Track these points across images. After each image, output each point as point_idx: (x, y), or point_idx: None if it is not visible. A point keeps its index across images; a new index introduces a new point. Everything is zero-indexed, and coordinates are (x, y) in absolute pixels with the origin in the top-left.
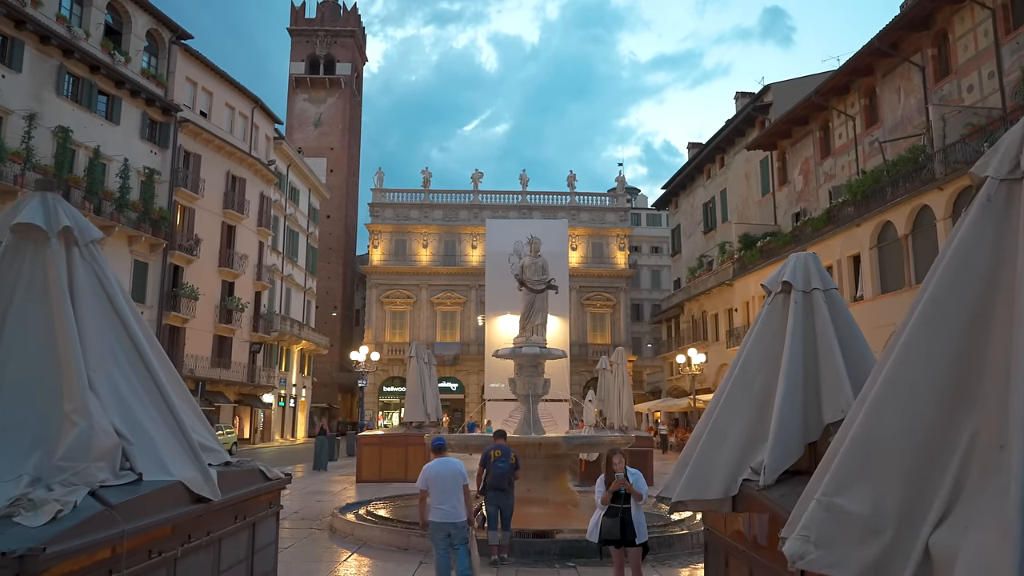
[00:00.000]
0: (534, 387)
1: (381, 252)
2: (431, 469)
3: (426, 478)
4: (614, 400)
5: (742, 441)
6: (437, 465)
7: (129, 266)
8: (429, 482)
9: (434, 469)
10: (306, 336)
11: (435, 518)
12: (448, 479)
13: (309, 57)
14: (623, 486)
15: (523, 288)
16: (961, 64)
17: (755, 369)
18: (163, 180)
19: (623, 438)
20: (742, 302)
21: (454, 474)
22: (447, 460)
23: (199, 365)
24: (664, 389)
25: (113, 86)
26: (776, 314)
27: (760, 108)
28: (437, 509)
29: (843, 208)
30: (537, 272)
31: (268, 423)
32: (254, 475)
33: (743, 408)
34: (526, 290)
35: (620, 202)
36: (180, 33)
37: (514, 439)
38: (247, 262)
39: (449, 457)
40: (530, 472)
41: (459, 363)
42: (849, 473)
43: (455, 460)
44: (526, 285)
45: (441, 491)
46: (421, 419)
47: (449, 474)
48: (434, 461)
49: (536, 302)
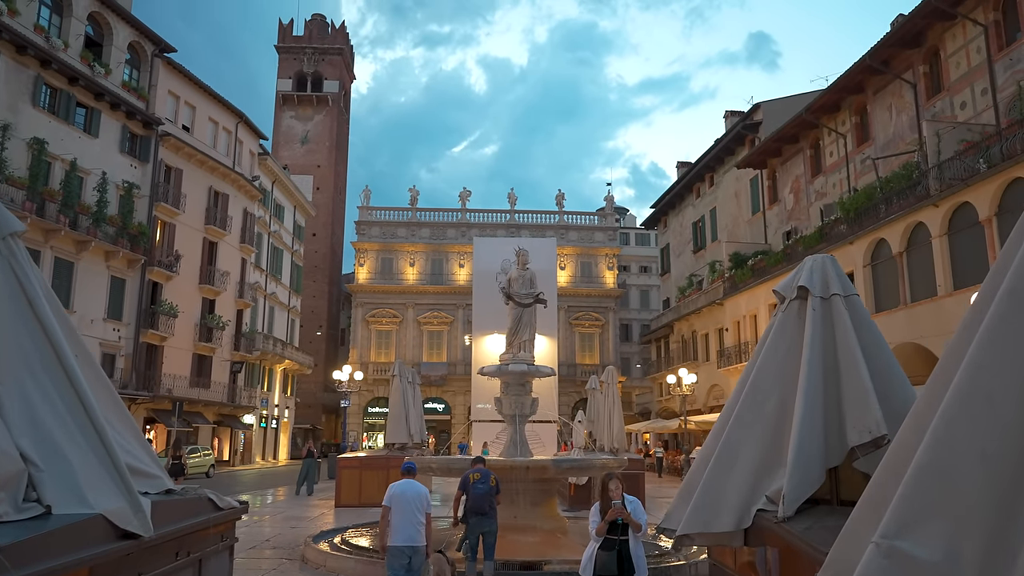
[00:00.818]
0: (521, 407)
1: (367, 270)
2: (396, 487)
3: (391, 495)
4: (604, 421)
5: (755, 466)
6: (402, 485)
7: (106, 282)
8: (393, 500)
9: (399, 488)
10: (289, 355)
11: (396, 541)
12: (412, 500)
13: (296, 74)
14: (620, 515)
15: (510, 302)
16: (954, 81)
17: (768, 385)
18: (143, 195)
19: (615, 461)
20: (733, 321)
21: (418, 496)
22: (412, 482)
23: (177, 384)
24: (653, 410)
25: (92, 98)
26: (791, 323)
27: (750, 127)
28: (399, 532)
29: (836, 226)
30: (525, 285)
31: (249, 445)
32: (201, 504)
33: (755, 429)
34: (513, 304)
35: (609, 221)
36: (163, 46)
37: (500, 462)
38: (229, 279)
39: (415, 480)
40: (517, 497)
41: (446, 383)
42: (915, 510)
43: (420, 484)
44: (513, 299)
45: (403, 512)
46: (404, 441)
47: (413, 495)
48: (400, 481)
49: (524, 317)
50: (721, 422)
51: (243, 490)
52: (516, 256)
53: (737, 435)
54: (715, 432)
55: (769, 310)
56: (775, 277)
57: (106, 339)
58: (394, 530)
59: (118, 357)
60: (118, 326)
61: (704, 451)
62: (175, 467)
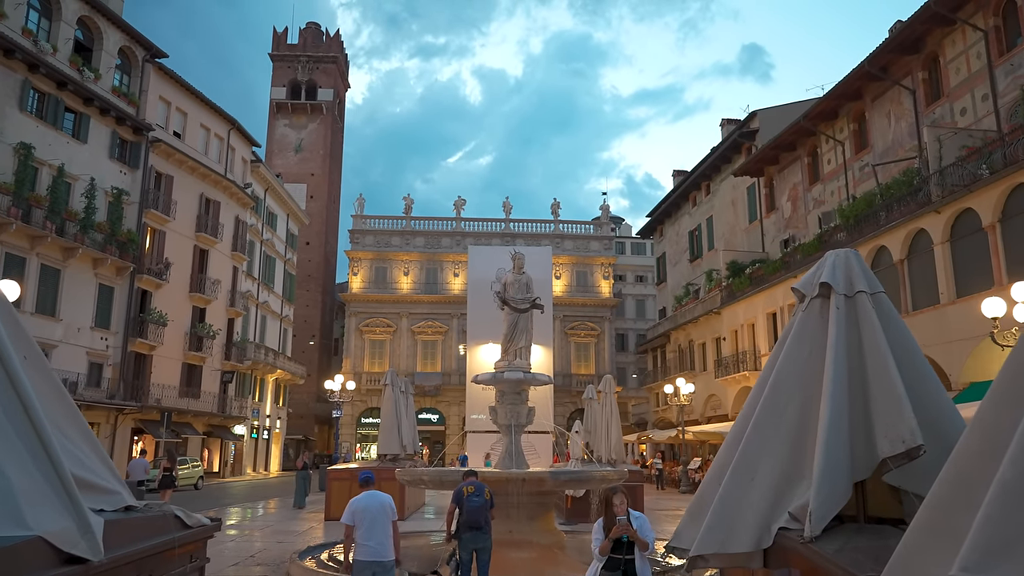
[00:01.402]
0: (517, 416)
1: (361, 280)
2: (357, 502)
3: (352, 512)
4: (602, 432)
5: (775, 480)
6: (364, 498)
7: (93, 290)
8: (355, 516)
9: (361, 502)
10: (281, 365)
11: (361, 555)
12: (376, 512)
13: (291, 82)
14: (626, 532)
15: (505, 307)
16: (953, 87)
17: (789, 391)
18: (132, 201)
19: (615, 473)
20: (731, 331)
21: (382, 507)
22: (374, 493)
23: (166, 395)
24: (650, 421)
25: (81, 103)
26: (813, 323)
27: (746, 134)
28: (363, 546)
29: (835, 233)
30: (521, 290)
31: (239, 456)
32: (166, 523)
33: (775, 439)
34: (508, 309)
35: (604, 231)
36: (154, 51)
37: (495, 474)
38: (220, 287)
39: (377, 491)
40: (512, 511)
41: (440, 394)
42: (1003, 536)
43: (383, 494)
44: (509, 304)
45: (368, 526)
46: (396, 452)
47: (377, 507)
48: (361, 495)
49: (519, 323)
50: (736, 431)
51: (232, 502)
52: (512, 260)
53: (755, 445)
54: (730, 442)
55: (767, 319)
56: (773, 286)
57: (93, 348)
58: (359, 545)
59: (105, 366)
60: (106, 335)
61: (718, 462)
62: (165, 479)
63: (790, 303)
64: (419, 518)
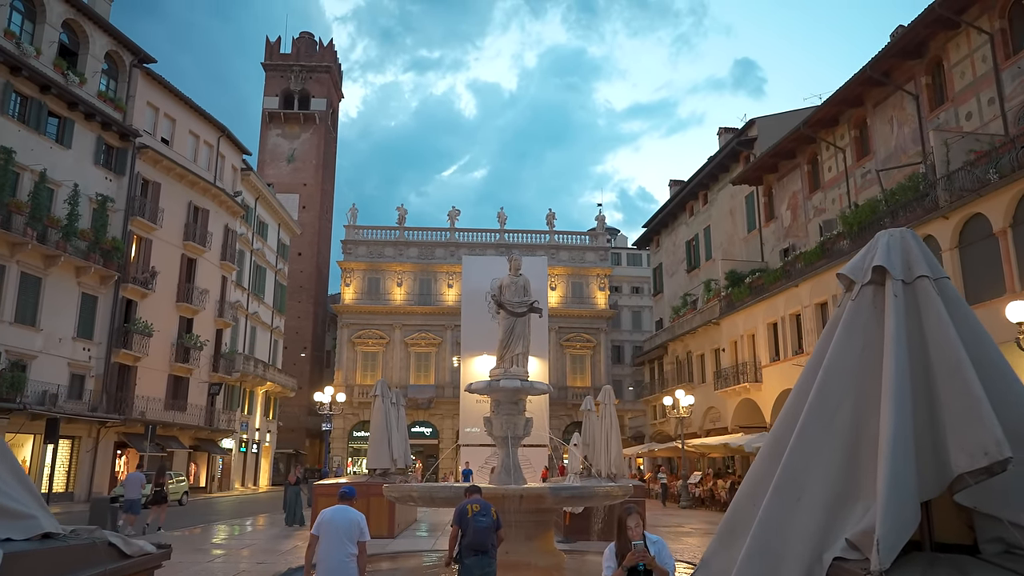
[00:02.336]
0: (514, 428)
1: (353, 291)
2: (326, 513)
3: (319, 522)
4: (601, 445)
5: (826, 499)
6: (333, 511)
7: (76, 299)
8: (321, 528)
9: (329, 513)
10: (271, 377)
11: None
12: (341, 528)
13: (283, 92)
14: (643, 560)
15: (501, 311)
16: (958, 91)
17: (840, 393)
18: (118, 208)
19: (620, 488)
20: (730, 341)
21: (349, 524)
22: (345, 508)
23: (151, 407)
24: (647, 434)
25: (65, 107)
26: (865, 314)
27: (744, 143)
28: (322, 562)
29: (837, 241)
30: (517, 293)
31: (227, 470)
32: (94, 553)
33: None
34: (504, 313)
35: (600, 241)
36: (142, 56)
37: (490, 491)
38: (208, 297)
39: (354, 509)
40: (509, 531)
41: (433, 407)
42: None
43: (355, 511)
44: (505, 307)
45: (329, 542)
46: (386, 466)
47: (343, 522)
48: (332, 507)
49: (516, 328)
50: (775, 440)
51: (218, 519)
52: (508, 262)
53: (802, 458)
54: (768, 453)
55: (768, 329)
56: (774, 295)
57: (75, 359)
58: (320, 563)
59: (88, 378)
60: (88, 345)
61: (753, 478)
62: (158, 495)
63: (791, 312)
64: (410, 535)
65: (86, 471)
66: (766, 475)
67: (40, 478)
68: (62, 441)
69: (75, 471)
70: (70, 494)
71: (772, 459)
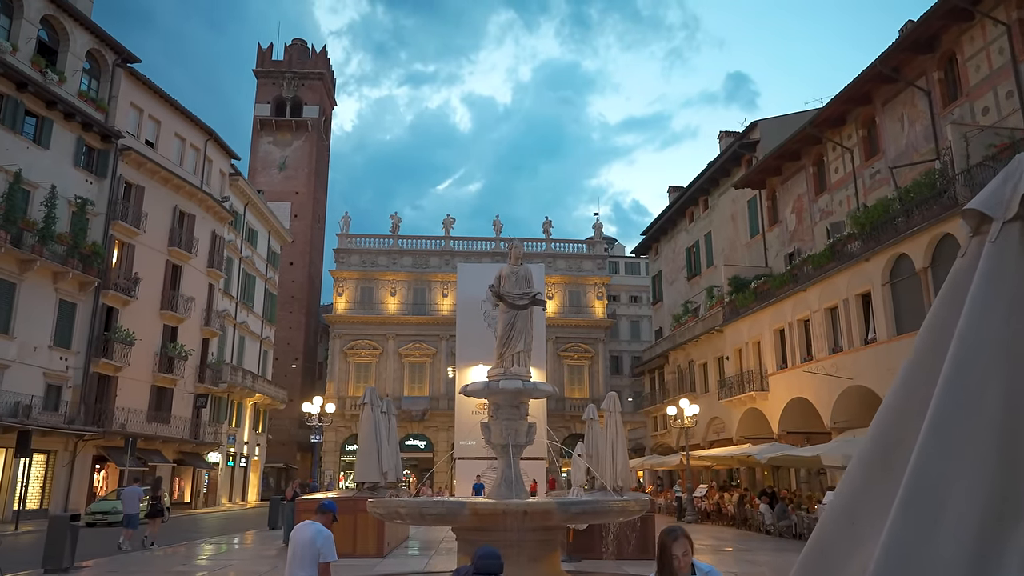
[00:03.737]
0: (515, 434)
1: (346, 300)
2: (294, 531)
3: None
4: (606, 456)
5: (979, 515)
6: (297, 527)
7: (53, 306)
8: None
9: (294, 531)
10: (260, 389)
11: None
12: (300, 546)
13: (275, 99)
14: None
15: (500, 303)
16: (973, 86)
17: (985, 371)
18: (99, 212)
19: (637, 503)
20: (734, 349)
21: (307, 541)
22: (309, 524)
23: (132, 419)
24: (647, 446)
25: (43, 106)
26: (1012, 263)
27: (746, 146)
28: None
29: (848, 242)
30: (519, 283)
31: (214, 485)
32: None
33: (971, 449)
34: (504, 306)
35: (598, 250)
36: (126, 56)
37: (488, 507)
38: (194, 306)
39: (319, 524)
40: (511, 552)
41: (428, 419)
42: None
43: (319, 526)
44: (505, 300)
45: (289, 563)
46: (375, 479)
47: (302, 539)
48: (300, 522)
49: (517, 322)
50: (882, 433)
51: (200, 536)
52: (508, 252)
53: (939, 460)
54: (869, 458)
55: (775, 336)
56: (781, 300)
57: (51, 369)
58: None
59: (65, 389)
60: (66, 354)
61: (848, 490)
62: (154, 508)
63: (799, 317)
64: (401, 555)
65: (62, 486)
66: (869, 485)
67: (12, 494)
68: (37, 455)
69: (50, 486)
70: (44, 511)
71: (876, 466)
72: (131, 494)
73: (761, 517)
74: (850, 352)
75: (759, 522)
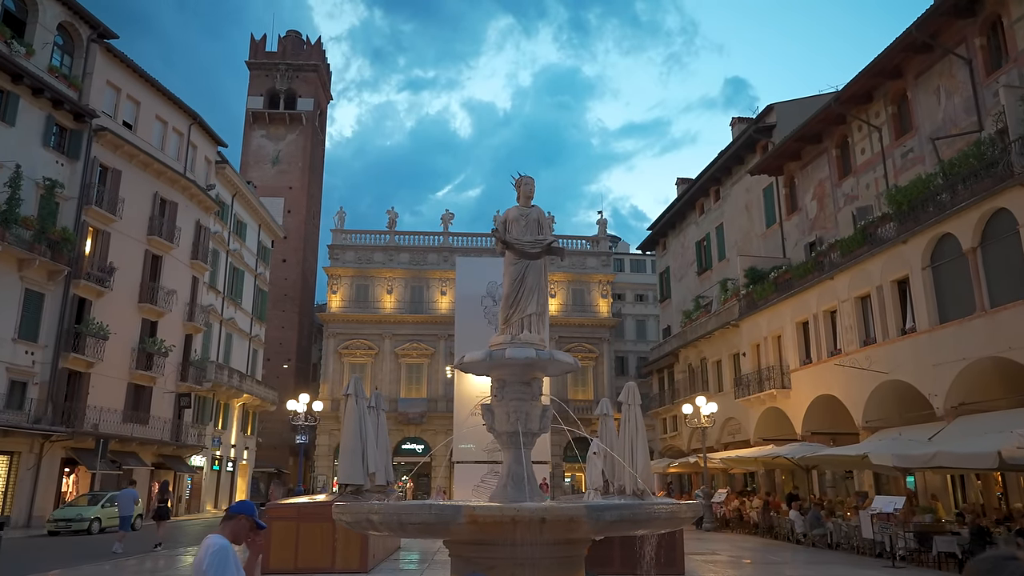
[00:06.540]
0: (526, 418)
1: (341, 298)
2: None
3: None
4: (625, 455)
5: None
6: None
7: (18, 295)
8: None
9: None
10: (249, 389)
11: None
12: (197, 561)
13: (268, 92)
14: None
15: (507, 251)
16: (1022, 50)
17: None
18: (70, 196)
19: (688, 508)
20: (751, 345)
21: (195, 566)
22: (207, 539)
23: (106, 419)
24: (656, 449)
25: (8, 80)
26: None
27: (762, 130)
28: None
29: (883, 224)
30: (530, 228)
31: (197, 490)
32: None
33: None
34: (511, 256)
35: (602, 247)
36: (102, 31)
37: (492, 512)
38: (176, 299)
39: (216, 538)
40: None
41: (426, 421)
42: None
43: (217, 539)
44: (512, 247)
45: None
46: (360, 482)
47: (194, 563)
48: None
49: (528, 277)
50: None
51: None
52: (516, 189)
53: None
54: None
55: (797, 329)
56: (804, 290)
57: (15, 364)
58: None
59: (31, 385)
60: (32, 348)
61: None
62: (161, 510)
63: (825, 308)
64: (390, 569)
65: (26, 491)
66: None
67: None
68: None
69: (13, 491)
70: (7, 518)
71: None
72: (127, 496)
73: (790, 525)
74: (884, 344)
75: (787, 530)
